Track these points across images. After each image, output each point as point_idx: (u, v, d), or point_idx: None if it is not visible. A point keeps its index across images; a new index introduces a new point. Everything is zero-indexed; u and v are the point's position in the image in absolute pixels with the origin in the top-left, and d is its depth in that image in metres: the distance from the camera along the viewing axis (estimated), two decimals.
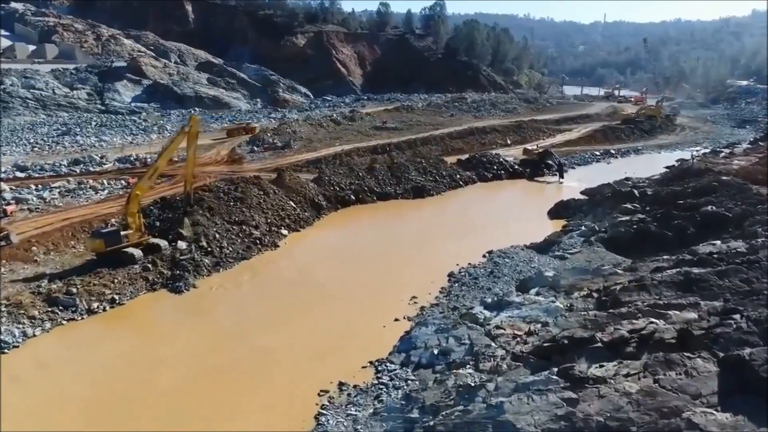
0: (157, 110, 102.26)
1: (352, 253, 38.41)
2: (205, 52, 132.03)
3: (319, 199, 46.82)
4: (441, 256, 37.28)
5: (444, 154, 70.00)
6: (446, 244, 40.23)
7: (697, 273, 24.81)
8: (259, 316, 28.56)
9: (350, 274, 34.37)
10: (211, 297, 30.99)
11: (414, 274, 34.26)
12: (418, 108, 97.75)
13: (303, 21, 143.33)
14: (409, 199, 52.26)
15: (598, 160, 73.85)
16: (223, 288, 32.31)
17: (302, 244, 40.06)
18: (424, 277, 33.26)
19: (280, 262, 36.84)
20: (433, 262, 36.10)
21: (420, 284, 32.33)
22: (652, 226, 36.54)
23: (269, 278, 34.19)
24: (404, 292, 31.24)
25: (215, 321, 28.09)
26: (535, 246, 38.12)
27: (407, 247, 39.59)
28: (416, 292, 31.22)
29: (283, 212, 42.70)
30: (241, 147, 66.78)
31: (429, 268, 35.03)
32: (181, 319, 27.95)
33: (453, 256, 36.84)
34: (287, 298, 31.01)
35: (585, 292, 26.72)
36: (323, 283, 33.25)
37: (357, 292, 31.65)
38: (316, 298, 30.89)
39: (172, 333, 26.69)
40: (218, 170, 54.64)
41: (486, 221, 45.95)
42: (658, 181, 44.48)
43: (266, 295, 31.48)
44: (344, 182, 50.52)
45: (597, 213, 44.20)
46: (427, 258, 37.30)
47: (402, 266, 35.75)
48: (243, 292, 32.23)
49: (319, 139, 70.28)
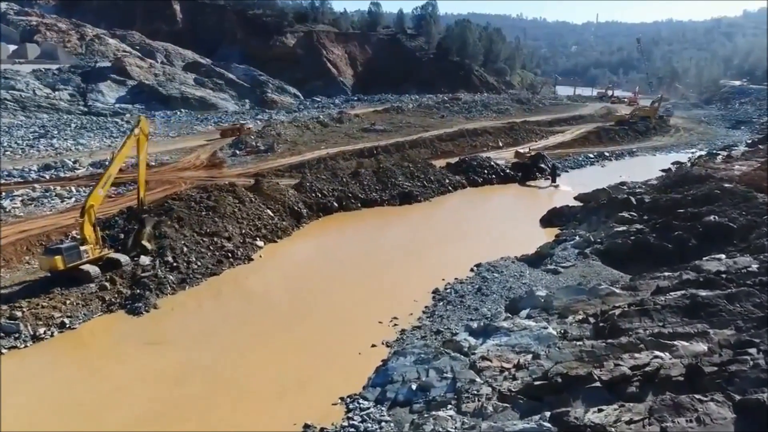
0: (141, 111, 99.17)
1: (330, 268, 35.60)
2: (192, 52, 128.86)
3: (300, 207, 43.99)
4: (426, 270, 34.58)
5: (433, 157, 67.36)
6: (432, 255, 37.56)
7: (704, 296, 22.16)
8: (222, 343, 25.70)
9: (326, 291, 31.57)
10: (171, 319, 28.12)
11: (396, 290, 31.55)
12: (408, 109, 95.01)
13: (293, 21, 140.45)
14: (395, 206, 49.50)
15: (592, 162, 71.29)
16: (187, 309, 29.48)
17: (278, 257, 37.22)
18: (407, 295, 30.53)
19: (252, 277, 34.00)
20: (418, 277, 33.41)
21: (402, 303, 29.61)
22: (650, 237, 33.92)
23: (238, 297, 31.32)
24: (385, 312, 28.50)
25: (172, 349, 25.18)
26: (526, 258, 35.45)
27: (390, 259, 36.81)
28: (398, 312, 28.49)
29: (259, 222, 39.86)
30: (223, 150, 63.88)
31: (413, 283, 32.33)
32: (134, 347, 25.05)
33: (439, 270, 34.17)
34: (255, 321, 28.21)
35: (580, 316, 24.04)
36: (297, 302, 30.45)
37: (333, 313, 28.87)
38: (287, 320, 28.10)
39: (121, 365, 23.79)
40: (196, 175, 51.74)
41: (475, 230, 43.24)
42: (657, 188, 41.83)
43: (233, 316, 28.63)
44: (327, 188, 47.70)
45: (592, 221, 41.58)
46: (411, 272, 34.58)
47: (384, 282, 33.00)
48: (207, 313, 29.35)
49: (304, 142, 67.43)
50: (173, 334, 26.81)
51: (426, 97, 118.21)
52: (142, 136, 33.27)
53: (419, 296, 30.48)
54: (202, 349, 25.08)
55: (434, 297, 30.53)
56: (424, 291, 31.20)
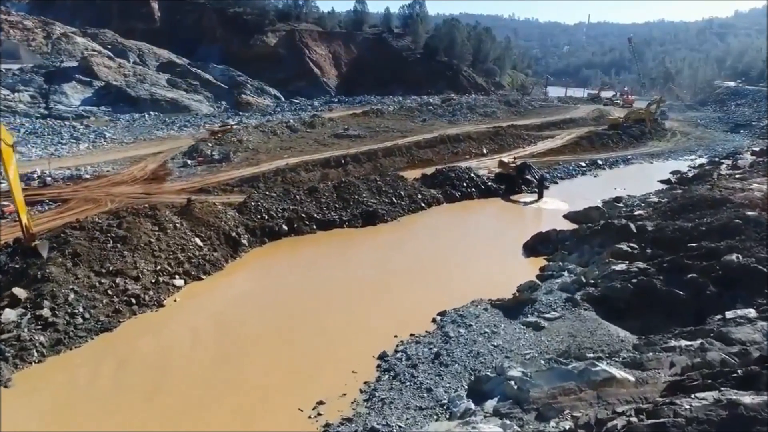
0: (107, 114, 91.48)
1: (255, 318, 27.89)
2: (168, 52, 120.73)
3: (239, 232, 36.33)
4: (377, 321, 27.09)
5: (410, 167, 59.90)
6: (388, 299, 30.02)
7: (748, 406, 14.71)
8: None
9: (239, 358, 23.93)
10: (25, 404, 20.51)
11: (333, 355, 24.03)
12: (389, 112, 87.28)
13: (274, 19, 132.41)
14: (357, 228, 41.89)
15: (583, 172, 63.77)
16: (53, 385, 21.87)
17: (197, 301, 29.55)
18: (345, 362, 23.04)
19: (155, 334, 26.30)
20: (364, 333, 25.91)
21: (336, 375, 22.12)
22: (657, 280, 26.43)
23: (126, 365, 23.58)
24: (310, 391, 20.98)
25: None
26: (502, 305, 27.87)
27: (334, 305, 29.18)
28: (328, 391, 20.98)
29: (182, 254, 32.18)
30: (176, 159, 56.23)
31: (356, 343, 24.83)
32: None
33: (392, 321, 26.70)
34: (138, 404, 20.62)
35: (566, 422, 16.53)
36: (202, 370, 22.88)
37: (240, 395, 21.30)
38: (178, 407, 20.52)
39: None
40: (129, 191, 44.09)
41: (444, 260, 35.67)
42: (661, 211, 34.20)
43: (109, 397, 21.04)
44: (276, 208, 40.05)
45: (583, 251, 34.11)
46: (356, 324, 27.01)
47: (319, 341, 25.37)
48: (75, 392, 21.71)
49: (267, 150, 59.76)
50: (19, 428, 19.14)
51: (410, 99, 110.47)
52: (5, 147, 25.57)
53: (360, 364, 22.93)
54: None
55: (379, 366, 22.97)
56: (369, 356, 23.67)
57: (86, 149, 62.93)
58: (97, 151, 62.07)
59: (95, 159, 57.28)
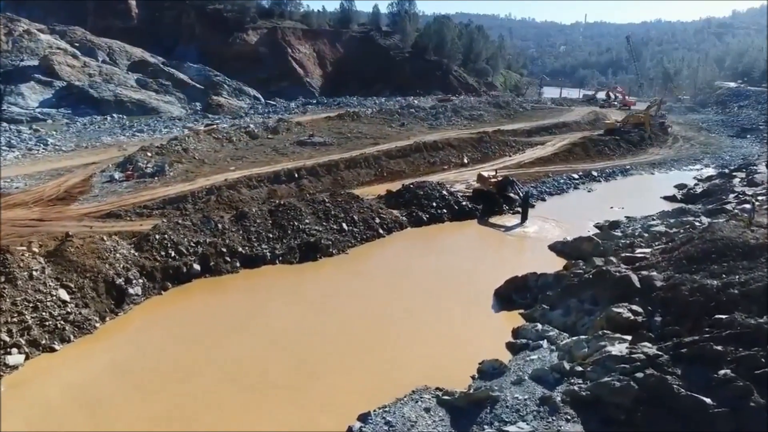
0: (66, 116, 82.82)
1: (113, 410, 19.01)
2: (142, 51, 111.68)
3: (129, 278, 27.53)
4: (280, 420, 18.36)
5: (377, 180, 51.07)
6: (302, 385, 21.19)
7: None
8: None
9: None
10: None
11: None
12: (366, 115, 78.14)
13: (255, 16, 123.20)
14: (292, 264, 33.07)
15: (576, 185, 54.72)
16: None
17: (37, 387, 20.66)
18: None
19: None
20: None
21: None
22: (671, 376, 17.61)
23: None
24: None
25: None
26: (452, 402, 19.05)
27: (227, 398, 20.38)
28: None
29: (33, 315, 23.39)
30: (105, 172, 47.39)
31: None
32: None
33: (290, 425, 18.00)
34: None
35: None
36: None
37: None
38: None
39: None
40: (22, 216, 35.13)
41: (390, 318, 26.73)
42: (674, 259, 25.12)
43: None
44: (188, 242, 31.21)
45: (570, 308, 25.25)
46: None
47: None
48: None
49: (214, 161, 50.85)
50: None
51: (394, 100, 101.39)
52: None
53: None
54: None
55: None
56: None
57: (14, 159, 54.16)
58: (26, 162, 53.25)
59: (18, 171, 48.46)
